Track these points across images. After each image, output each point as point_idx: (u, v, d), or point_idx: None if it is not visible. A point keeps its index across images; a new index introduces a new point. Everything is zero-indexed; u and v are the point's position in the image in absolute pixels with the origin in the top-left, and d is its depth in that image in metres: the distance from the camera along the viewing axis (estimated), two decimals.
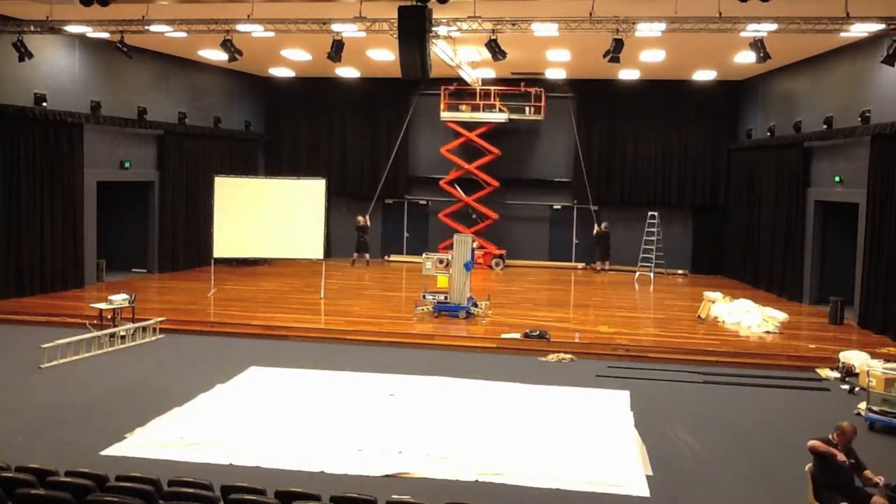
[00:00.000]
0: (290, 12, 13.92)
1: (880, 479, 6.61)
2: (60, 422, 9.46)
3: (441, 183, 24.32)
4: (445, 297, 15.89)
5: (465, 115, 23.68)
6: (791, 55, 18.24)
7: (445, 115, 23.73)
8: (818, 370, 12.75)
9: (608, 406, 10.66)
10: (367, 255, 23.69)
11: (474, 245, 16.27)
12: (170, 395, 10.58)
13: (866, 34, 14.09)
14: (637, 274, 22.32)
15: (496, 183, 23.93)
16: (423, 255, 16.71)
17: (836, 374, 12.48)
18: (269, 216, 17.91)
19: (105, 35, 15.48)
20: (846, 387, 11.91)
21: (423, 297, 16.23)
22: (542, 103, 23.65)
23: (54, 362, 12.07)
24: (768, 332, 15.14)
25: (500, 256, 23.91)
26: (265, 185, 19.12)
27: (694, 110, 23.55)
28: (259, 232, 17.97)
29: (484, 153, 24.08)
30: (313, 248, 18.19)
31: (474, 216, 24.30)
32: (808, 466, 6.97)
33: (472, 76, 20.29)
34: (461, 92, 23.65)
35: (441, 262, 16.12)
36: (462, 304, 15.72)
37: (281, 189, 18.49)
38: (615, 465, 8.43)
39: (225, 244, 17.86)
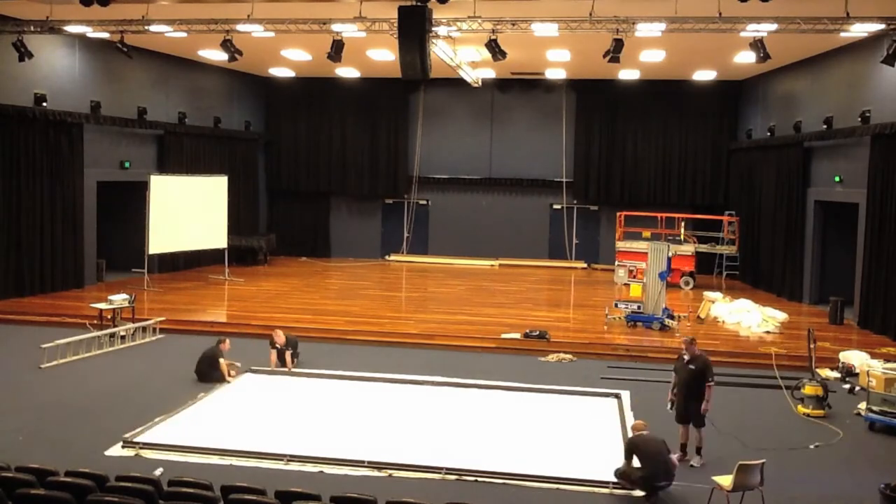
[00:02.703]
0: (290, 12, 13.92)
1: None
2: (60, 422, 9.46)
3: None
4: (639, 307, 15.17)
5: None
6: (791, 55, 18.23)
7: None
8: (818, 370, 12.74)
9: (608, 406, 10.66)
10: None
11: (670, 253, 15.17)
12: (170, 395, 10.58)
13: (866, 34, 14.09)
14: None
15: None
16: (616, 263, 15.71)
17: (835, 374, 12.47)
18: (186, 211, 19.19)
19: (105, 35, 15.47)
20: (846, 386, 11.91)
21: (616, 305, 15.51)
22: None
23: (54, 362, 12.07)
24: (768, 332, 15.14)
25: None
26: (180, 183, 19.64)
27: (694, 110, 23.55)
28: (181, 226, 19.17)
29: None
30: (220, 237, 20.28)
31: None
32: None
33: (472, 76, 20.28)
34: None
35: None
36: (657, 314, 14.95)
37: (191, 186, 19.82)
38: (615, 466, 8.41)
39: (158, 241, 18.66)
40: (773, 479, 8.24)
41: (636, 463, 7.64)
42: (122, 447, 8.60)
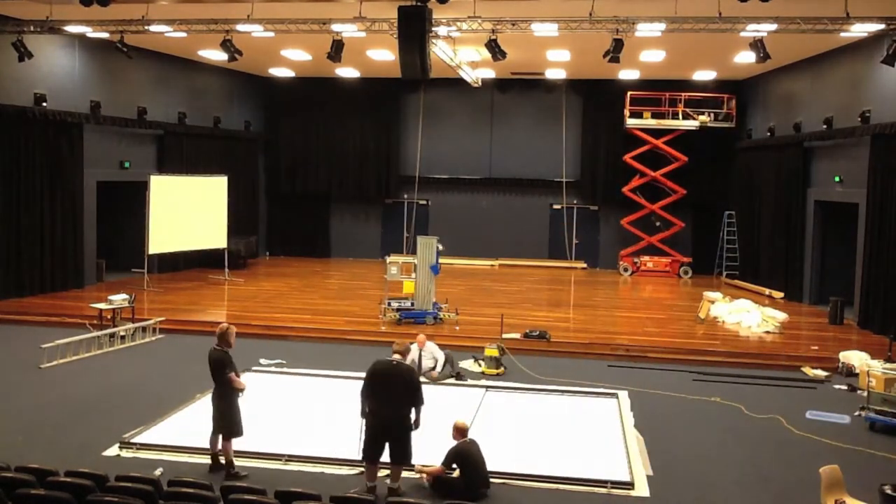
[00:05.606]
0: (290, 12, 13.92)
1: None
2: (60, 422, 9.46)
3: (624, 190, 23.61)
4: (412, 304, 15.13)
5: (653, 122, 22.75)
6: (791, 55, 18.24)
7: (631, 122, 22.91)
8: (803, 369, 12.77)
9: (608, 406, 10.66)
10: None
11: (439, 247, 15.20)
12: (169, 395, 10.59)
13: (866, 34, 14.10)
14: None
15: (682, 190, 23.32)
16: (388, 259, 15.47)
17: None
18: (186, 211, 19.25)
19: (105, 35, 15.47)
20: (843, 386, 11.91)
21: (388, 304, 15.23)
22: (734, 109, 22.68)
23: (54, 362, 12.07)
24: (768, 332, 15.15)
25: (689, 265, 23.26)
26: (180, 183, 19.66)
27: (693, 110, 23.49)
28: (181, 226, 19.23)
29: (668, 161, 23.41)
30: (220, 237, 20.40)
31: (658, 224, 23.74)
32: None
33: (472, 76, 20.28)
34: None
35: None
36: (428, 309, 15.05)
37: (191, 186, 19.90)
38: (615, 466, 8.43)
39: (158, 241, 18.69)
40: (772, 478, 8.25)
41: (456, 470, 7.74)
42: (122, 447, 8.59)
